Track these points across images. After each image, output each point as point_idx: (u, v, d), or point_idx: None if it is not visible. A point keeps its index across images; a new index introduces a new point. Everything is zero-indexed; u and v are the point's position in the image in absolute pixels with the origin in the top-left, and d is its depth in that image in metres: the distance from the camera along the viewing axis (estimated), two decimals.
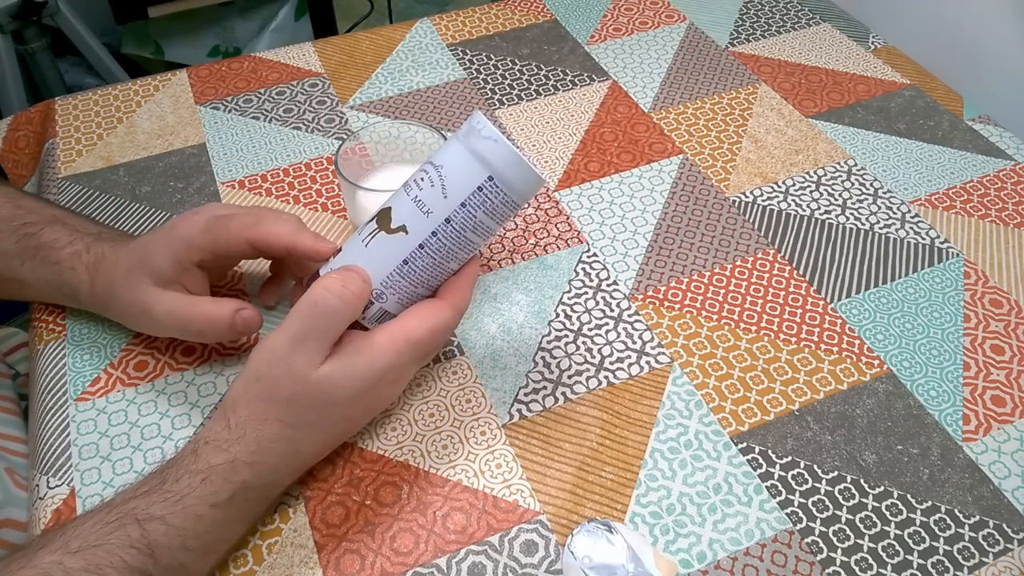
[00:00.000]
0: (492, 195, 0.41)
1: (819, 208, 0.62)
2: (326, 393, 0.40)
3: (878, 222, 0.60)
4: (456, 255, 0.42)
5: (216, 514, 0.39)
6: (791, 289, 0.56)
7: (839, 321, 0.54)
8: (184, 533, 0.38)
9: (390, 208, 0.42)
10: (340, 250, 0.44)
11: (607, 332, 0.53)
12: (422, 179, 0.42)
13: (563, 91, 0.73)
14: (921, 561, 0.42)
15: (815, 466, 0.46)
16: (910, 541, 0.43)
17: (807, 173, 0.65)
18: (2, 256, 0.50)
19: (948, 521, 0.44)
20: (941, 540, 0.43)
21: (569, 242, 0.59)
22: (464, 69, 0.75)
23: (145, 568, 0.36)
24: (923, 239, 0.59)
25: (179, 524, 0.38)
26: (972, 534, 0.43)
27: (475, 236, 0.42)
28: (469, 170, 0.40)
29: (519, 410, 0.49)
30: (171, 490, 0.38)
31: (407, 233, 0.41)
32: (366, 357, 0.41)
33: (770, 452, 0.47)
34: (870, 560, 0.42)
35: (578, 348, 0.52)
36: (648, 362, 0.51)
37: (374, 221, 0.43)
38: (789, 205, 0.62)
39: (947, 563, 0.42)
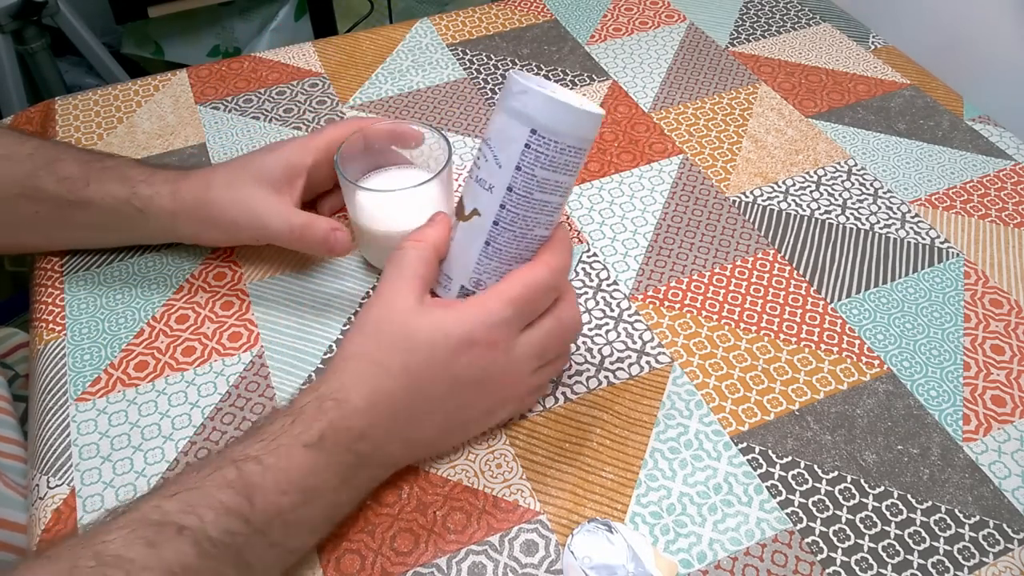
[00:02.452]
0: (543, 148, 0.39)
1: (819, 208, 0.62)
2: (409, 328, 0.40)
3: (878, 222, 0.60)
4: (536, 220, 0.42)
5: (308, 456, 0.38)
6: (791, 289, 0.56)
7: (839, 321, 0.54)
8: (278, 474, 0.37)
9: (462, 196, 0.43)
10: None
11: (607, 332, 0.53)
12: (478, 158, 0.41)
13: None
14: (921, 561, 0.42)
15: (815, 466, 0.46)
16: (910, 541, 0.43)
17: (807, 173, 0.65)
18: (65, 180, 0.51)
19: (948, 521, 0.44)
20: (941, 540, 0.43)
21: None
22: (464, 69, 0.75)
23: (242, 510, 0.36)
24: (923, 239, 0.59)
25: (273, 464, 0.37)
26: (972, 534, 0.43)
27: (545, 195, 0.41)
28: (511, 131, 0.39)
29: None
30: (265, 431, 0.39)
31: (480, 215, 0.41)
32: (456, 312, 0.41)
33: (770, 452, 0.47)
34: (870, 560, 0.42)
35: (578, 348, 0.52)
36: (648, 362, 0.51)
37: (455, 215, 0.43)
38: (789, 205, 0.62)
39: (947, 563, 0.42)
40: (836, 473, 0.46)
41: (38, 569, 0.33)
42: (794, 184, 0.64)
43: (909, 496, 0.45)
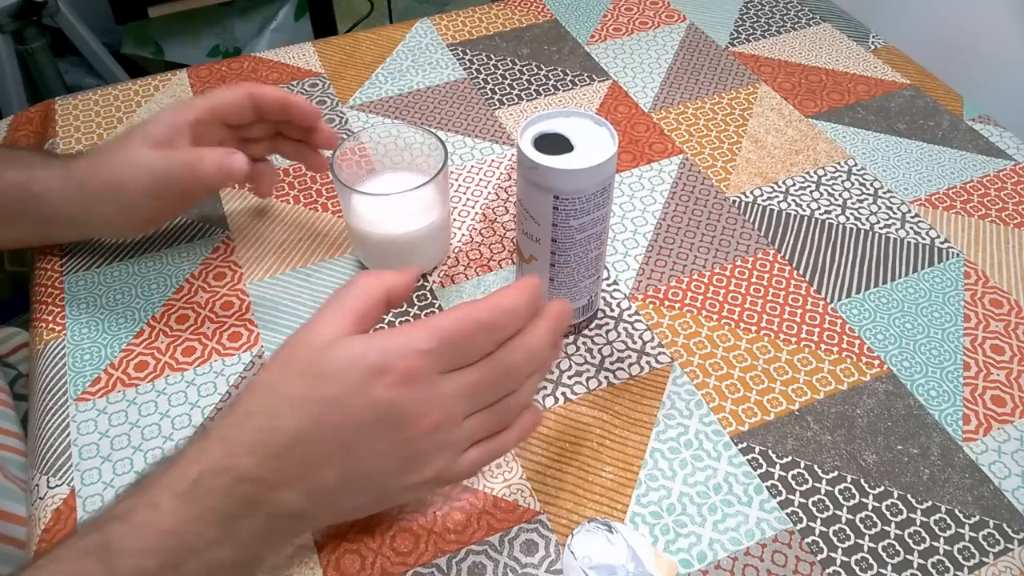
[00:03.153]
0: (570, 205, 0.43)
1: (819, 208, 0.62)
2: (323, 357, 0.35)
3: (878, 222, 0.60)
4: (586, 248, 0.46)
5: (178, 508, 0.33)
6: (791, 289, 0.56)
7: (839, 321, 0.54)
8: (145, 530, 0.33)
9: (518, 242, 0.48)
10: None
11: (607, 332, 0.53)
12: (520, 214, 0.46)
13: (563, 91, 0.73)
14: (921, 561, 0.42)
15: (815, 466, 0.46)
16: (910, 541, 0.43)
17: (807, 173, 0.65)
18: None
19: (948, 521, 0.44)
20: (941, 540, 0.43)
21: None
22: (464, 69, 0.75)
23: None
24: (923, 239, 0.59)
25: (140, 521, 0.33)
26: (972, 534, 0.43)
27: (586, 232, 0.45)
28: (537, 198, 0.44)
29: None
30: (141, 483, 0.35)
31: (537, 259, 0.47)
32: (376, 339, 0.35)
33: (770, 452, 0.47)
34: (870, 560, 0.42)
35: (578, 348, 0.52)
36: (648, 362, 0.51)
37: (518, 256, 0.49)
38: (789, 205, 0.62)
39: (947, 563, 0.42)
40: (836, 473, 0.46)
41: None
42: (794, 184, 0.64)
43: (909, 496, 0.45)
